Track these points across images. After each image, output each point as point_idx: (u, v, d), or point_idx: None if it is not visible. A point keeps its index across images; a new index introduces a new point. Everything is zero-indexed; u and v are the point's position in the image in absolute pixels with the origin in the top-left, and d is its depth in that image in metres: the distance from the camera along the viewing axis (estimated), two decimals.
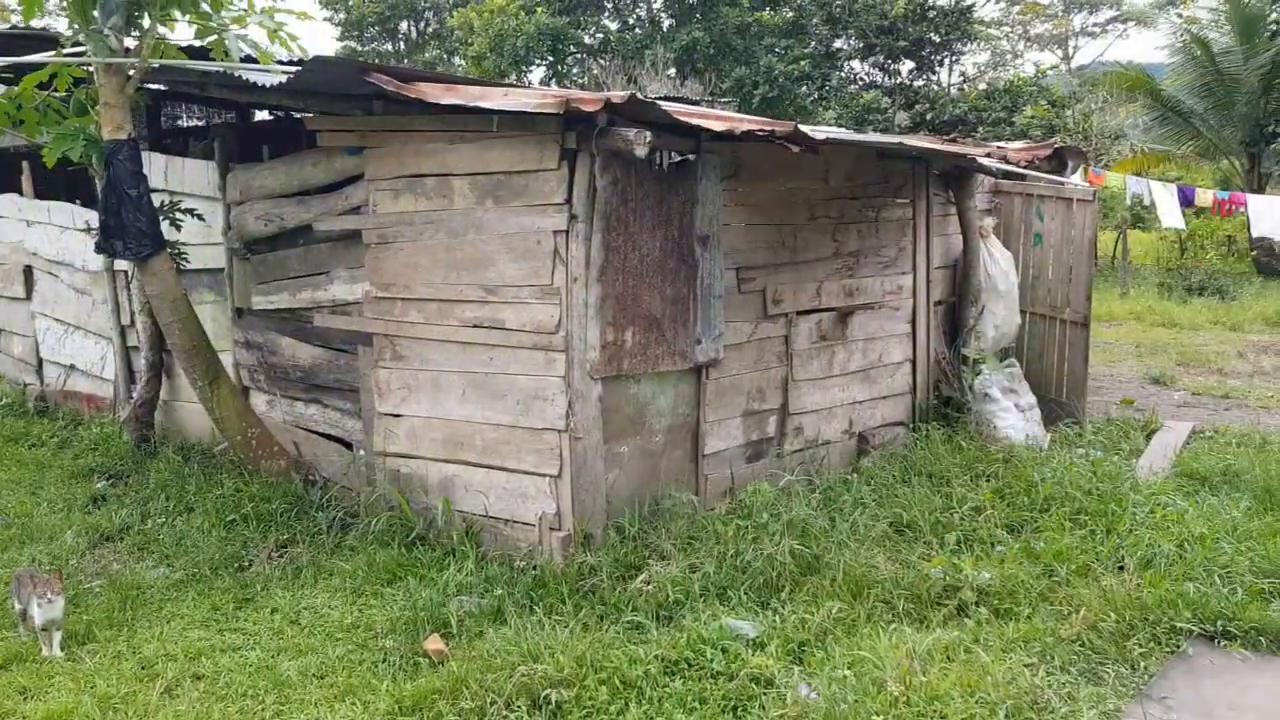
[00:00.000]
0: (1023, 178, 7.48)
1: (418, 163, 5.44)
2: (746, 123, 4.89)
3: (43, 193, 8.92)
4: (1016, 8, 36.80)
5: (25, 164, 8.87)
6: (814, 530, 5.02)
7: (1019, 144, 8.32)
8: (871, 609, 4.39)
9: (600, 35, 26.43)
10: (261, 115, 11.05)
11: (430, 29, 36.15)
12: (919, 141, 5.86)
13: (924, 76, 24.57)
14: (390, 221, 5.61)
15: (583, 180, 4.86)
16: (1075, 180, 9.28)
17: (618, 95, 4.49)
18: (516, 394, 5.21)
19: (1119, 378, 10.76)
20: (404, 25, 36.58)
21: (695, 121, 4.81)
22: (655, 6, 26.34)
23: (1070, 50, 39.10)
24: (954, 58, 25.50)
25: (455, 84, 5.22)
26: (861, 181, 6.64)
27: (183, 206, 6.43)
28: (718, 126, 4.81)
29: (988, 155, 5.46)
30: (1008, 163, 5.59)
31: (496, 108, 4.66)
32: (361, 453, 6.13)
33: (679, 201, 5.32)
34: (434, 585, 4.87)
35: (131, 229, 5.62)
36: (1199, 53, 19.75)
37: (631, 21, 26.73)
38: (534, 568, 4.94)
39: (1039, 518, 5.42)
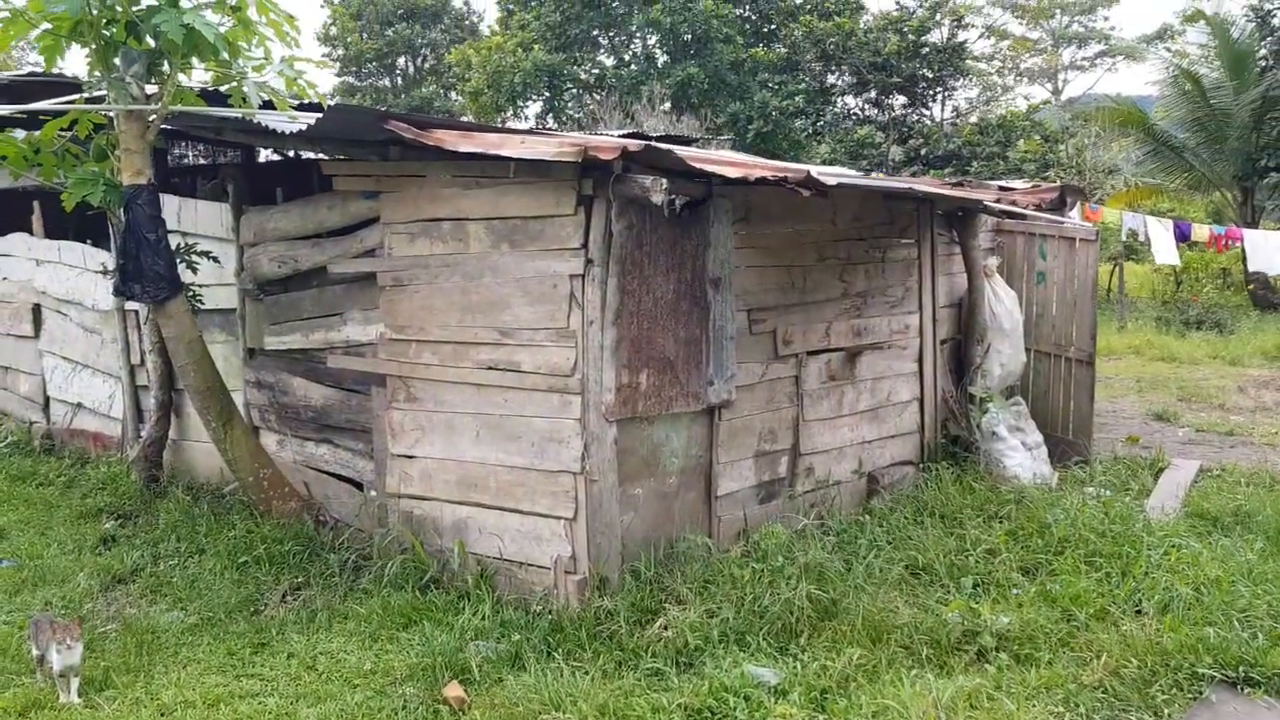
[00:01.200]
0: (1024, 217, 7.57)
1: (434, 207, 5.51)
2: (760, 169, 4.97)
3: (52, 232, 8.97)
4: (1006, 43, 37.41)
5: (36, 204, 8.94)
6: (830, 573, 5.03)
7: (1021, 184, 8.42)
8: (892, 655, 4.38)
9: (596, 71, 26.76)
10: (266, 154, 11.18)
11: (427, 65, 36.60)
12: (927, 186, 5.94)
13: (917, 112, 24.88)
14: (405, 264, 5.66)
15: (599, 225, 4.92)
16: (1074, 217, 9.40)
17: (634, 144, 4.57)
18: (531, 436, 5.23)
19: (1122, 414, 10.81)
20: (401, 61, 37.03)
21: (710, 168, 4.88)
22: (650, 43, 26.70)
23: (1060, 84, 39.69)
24: (947, 93, 25.85)
25: (472, 131, 5.29)
26: (868, 222, 6.72)
27: (198, 249, 6.49)
28: (732, 173, 4.89)
29: (997, 200, 5.54)
30: (1015, 205, 5.67)
31: (515, 155, 4.73)
32: (373, 494, 6.13)
33: (691, 245, 5.38)
34: (450, 630, 4.86)
35: (150, 272, 5.66)
36: (1189, 87, 20.02)
37: (627, 58, 27.09)
38: (550, 612, 4.94)
39: (1054, 560, 5.43)
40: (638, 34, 26.23)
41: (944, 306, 7.56)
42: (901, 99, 24.73)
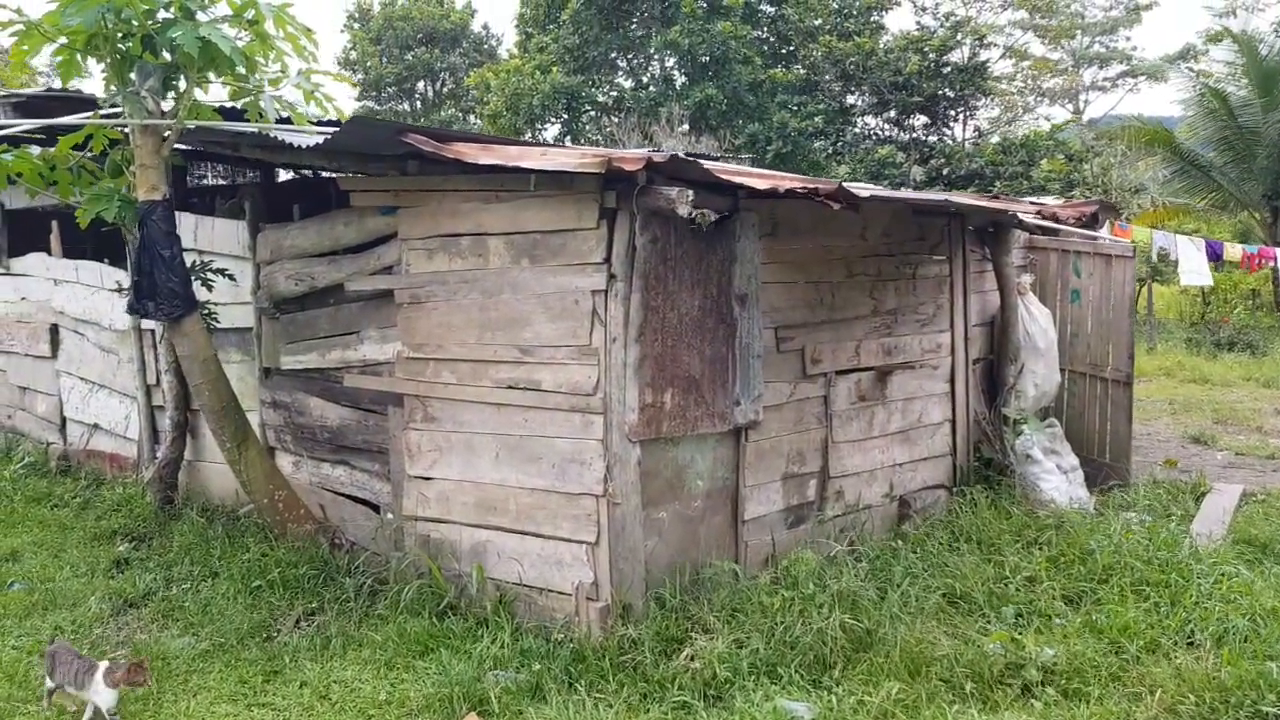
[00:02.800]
0: (1056, 233, 7.36)
1: (452, 223, 5.38)
2: (789, 181, 4.81)
3: (71, 252, 8.93)
4: (1027, 63, 37.20)
5: (54, 223, 8.90)
6: (864, 602, 4.80)
7: (1051, 199, 8.20)
8: (932, 689, 4.16)
9: (614, 93, 26.78)
10: (286, 175, 11.14)
11: (446, 89, 36.84)
12: (962, 197, 5.75)
13: (938, 131, 24.71)
14: (423, 281, 5.52)
15: (622, 239, 4.77)
16: (1104, 235, 9.19)
17: (659, 155, 4.42)
18: (552, 457, 5.06)
19: (1156, 436, 10.52)
20: (421, 85, 37.29)
21: (738, 180, 4.72)
22: (669, 65, 26.71)
23: (1080, 105, 39.39)
24: (968, 112, 25.68)
25: (492, 144, 5.18)
26: (898, 238, 6.54)
27: (214, 266, 6.39)
28: (761, 185, 4.73)
29: (1038, 213, 5.34)
30: (1056, 219, 5.48)
31: (536, 167, 4.59)
32: (389, 516, 5.97)
33: (717, 260, 5.22)
34: (468, 658, 4.67)
35: (164, 289, 5.55)
36: (1216, 105, 19.74)
37: (645, 80, 27.10)
38: (571, 640, 4.74)
39: (1098, 588, 5.18)
40: (656, 56, 26.25)
41: (976, 325, 7.35)
42: (922, 119, 24.59)
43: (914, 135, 24.77)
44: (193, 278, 5.97)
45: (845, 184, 4.76)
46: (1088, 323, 8.11)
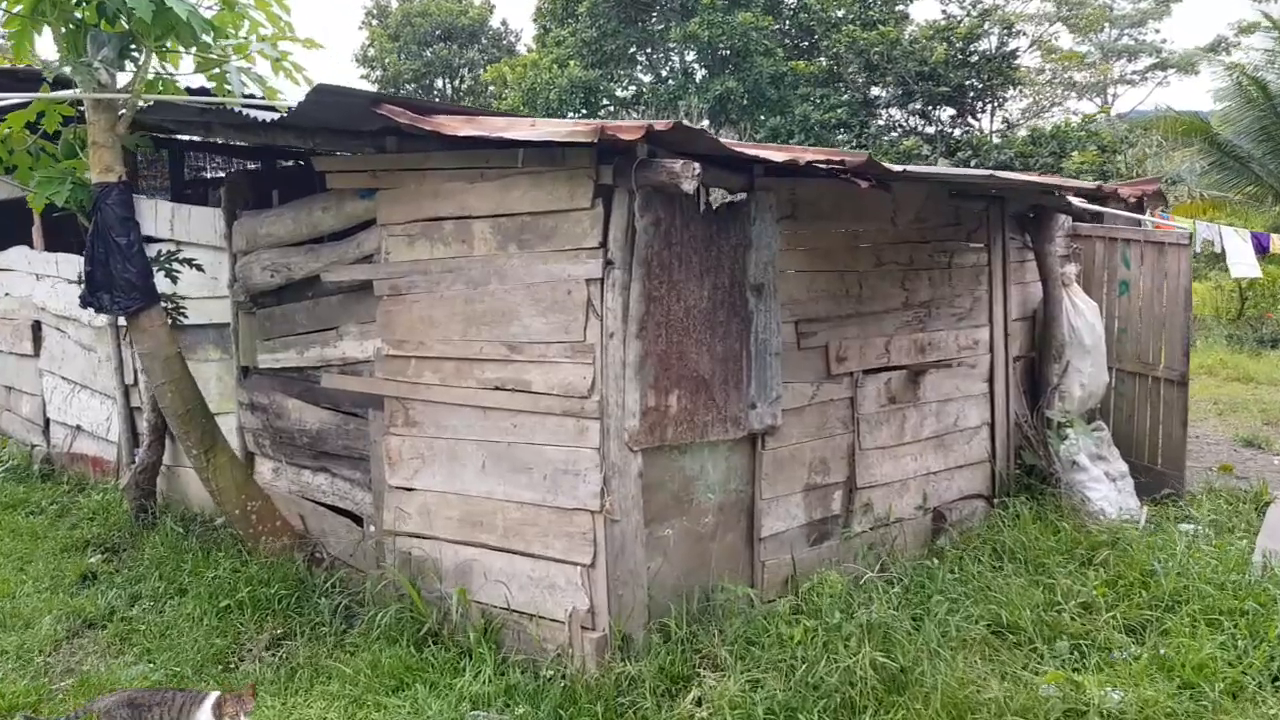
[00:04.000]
0: (1100, 218, 6.71)
1: (434, 205, 4.83)
2: (810, 153, 4.22)
3: (53, 244, 8.48)
4: (1054, 56, 36.28)
5: (36, 215, 8.46)
6: (897, 635, 4.19)
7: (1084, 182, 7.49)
8: None
9: (633, 87, 26.22)
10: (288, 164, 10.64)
11: (465, 85, 36.42)
12: (1008, 174, 5.13)
13: (965, 123, 23.98)
14: (404, 271, 4.98)
15: (620, 220, 4.19)
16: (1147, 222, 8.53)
17: (661, 123, 3.84)
18: (543, 467, 4.49)
19: (1205, 439, 9.82)
20: (439, 82, 36.90)
21: (751, 152, 4.13)
22: (688, 58, 26.11)
23: (1109, 98, 38.41)
24: (996, 103, 24.92)
25: (477, 115, 4.62)
26: (932, 223, 5.92)
27: (181, 256, 5.88)
28: (778, 157, 4.14)
29: (1096, 190, 4.71)
30: (1119, 198, 4.86)
31: (522, 138, 4.03)
32: (372, 529, 5.44)
33: (729, 245, 4.63)
34: (447, 695, 4.14)
35: (120, 281, 5.05)
36: (1256, 95, 18.89)
37: (664, 73, 26.52)
38: (563, 677, 4.17)
39: (1164, 617, 4.55)
40: (675, 48, 25.67)
41: (1016, 319, 6.70)
42: (949, 110, 23.85)
43: (940, 128, 24.04)
44: (156, 269, 5.46)
45: (876, 159, 4.15)
46: (1137, 317, 7.45)
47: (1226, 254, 13.58)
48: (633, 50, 26.58)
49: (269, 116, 4.72)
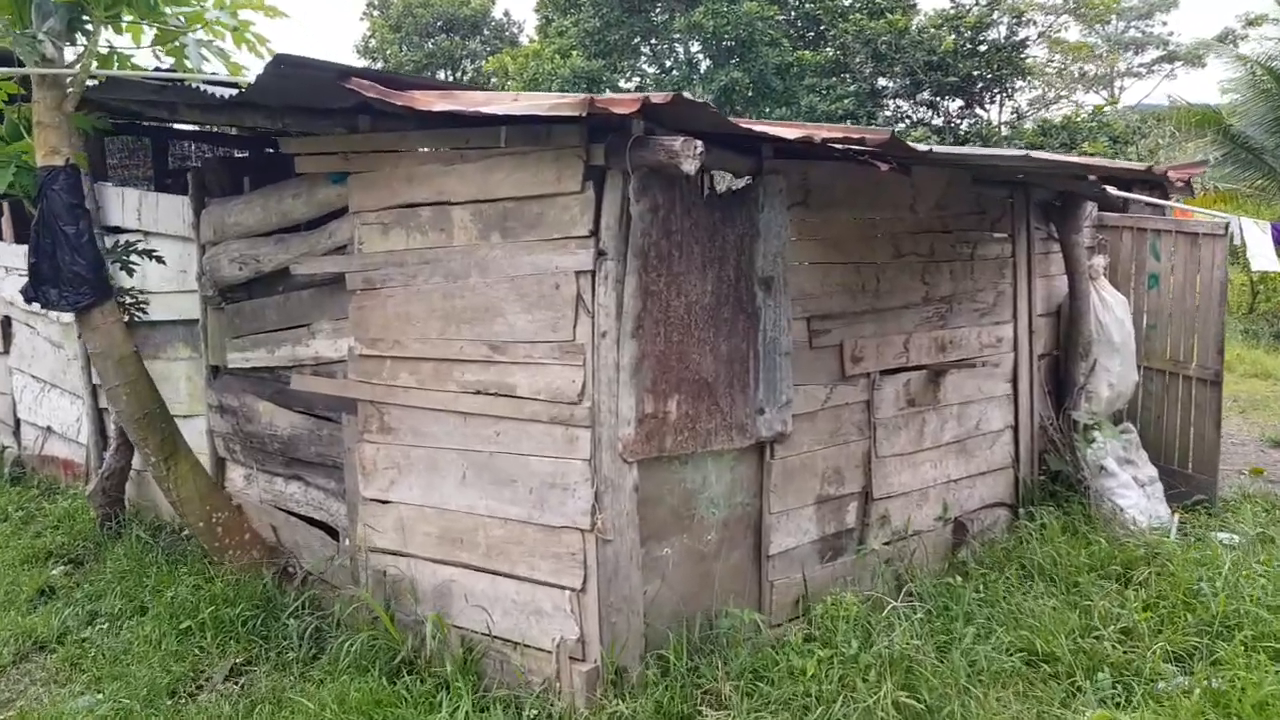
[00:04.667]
0: (1141, 207, 6.25)
1: (410, 190, 4.39)
2: (826, 130, 3.77)
3: (25, 236, 8.05)
4: (1060, 50, 35.76)
5: (5, 205, 8.03)
6: (922, 667, 3.76)
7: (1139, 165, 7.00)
8: None
9: (636, 78, 25.74)
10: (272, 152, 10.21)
11: (468, 77, 35.96)
12: (1048, 155, 4.67)
13: (973, 114, 23.50)
14: (378, 263, 4.54)
15: (613, 206, 3.76)
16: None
17: (659, 94, 3.40)
18: (529, 480, 4.06)
19: (1230, 439, 9.36)
20: (442, 74, 36.44)
21: (761, 129, 3.69)
22: (693, 48, 25.62)
23: (1115, 91, 37.86)
24: (1005, 94, 24.43)
25: (455, 90, 4.17)
26: (954, 211, 5.47)
27: (141, 247, 5.44)
28: (790, 134, 3.69)
29: (1146, 172, 4.24)
30: (1167, 179, 4.41)
31: (502, 113, 3.59)
32: (347, 543, 5.01)
33: (735, 235, 4.19)
34: None
35: (67, 273, 4.62)
36: (1270, 85, 18.39)
37: (668, 64, 26.02)
38: (549, 715, 3.75)
39: (1214, 644, 4.11)
40: (679, 39, 25.19)
41: (1041, 315, 6.25)
42: (958, 101, 23.37)
43: (948, 119, 23.56)
44: (111, 261, 5.03)
45: (900, 137, 3.70)
46: (1167, 312, 7.00)
47: (1247, 246, 13.07)
48: (636, 40, 26.11)
49: (224, 91, 4.28)
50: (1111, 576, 4.83)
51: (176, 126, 8.44)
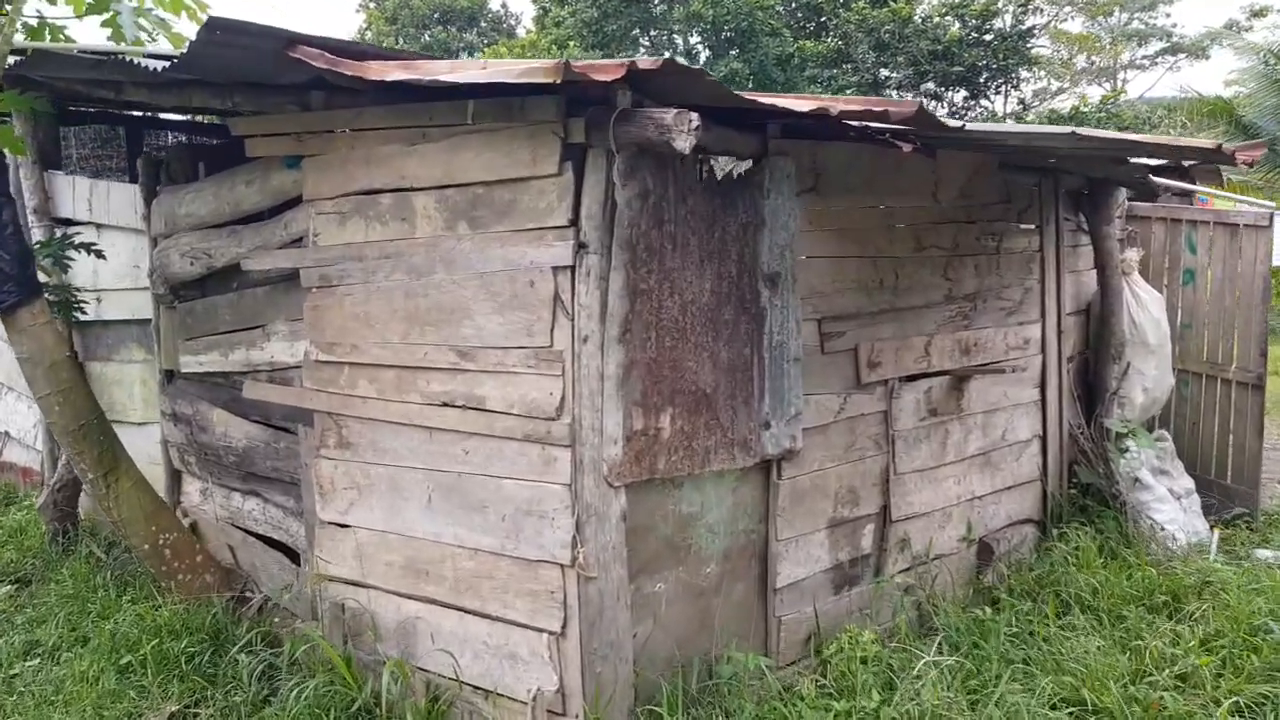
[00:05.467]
0: (1188, 191, 5.73)
1: (368, 174, 3.87)
2: (844, 103, 3.26)
3: None
4: (1064, 37, 35.27)
5: None
6: None
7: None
8: None
9: None
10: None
11: None
12: (1101, 132, 4.14)
13: (977, 105, 23.00)
14: (334, 257, 4.03)
15: (595, 190, 3.24)
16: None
17: (647, 60, 2.88)
18: (502, 506, 3.55)
19: (1268, 446, 8.85)
20: None
21: (767, 101, 3.18)
22: (692, 40, 25.08)
23: (1119, 84, 37.38)
24: (1011, 84, 23.92)
25: (417, 60, 3.65)
26: (979, 200, 4.95)
27: (78, 240, 4.94)
28: (802, 107, 3.18)
29: (1217, 149, 3.73)
30: (1232, 160, 3.93)
31: (465, 80, 3.07)
32: (307, 568, 4.51)
33: (737, 225, 3.68)
34: None
35: None
36: None
37: (667, 55, 25.49)
38: None
39: None
40: (678, 29, 24.65)
41: (1070, 314, 5.74)
42: (962, 92, 22.86)
43: (953, 110, 23.05)
44: (44, 255, 4.52)
45: (928, 110, 3.18)
46: (1205, 310, 6.50)
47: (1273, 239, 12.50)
48: (634, 31, 25.55)
49: (157, 64, 3.77)
50: (1159, 608, 4.32)
51: (162, 116, 7.99)
